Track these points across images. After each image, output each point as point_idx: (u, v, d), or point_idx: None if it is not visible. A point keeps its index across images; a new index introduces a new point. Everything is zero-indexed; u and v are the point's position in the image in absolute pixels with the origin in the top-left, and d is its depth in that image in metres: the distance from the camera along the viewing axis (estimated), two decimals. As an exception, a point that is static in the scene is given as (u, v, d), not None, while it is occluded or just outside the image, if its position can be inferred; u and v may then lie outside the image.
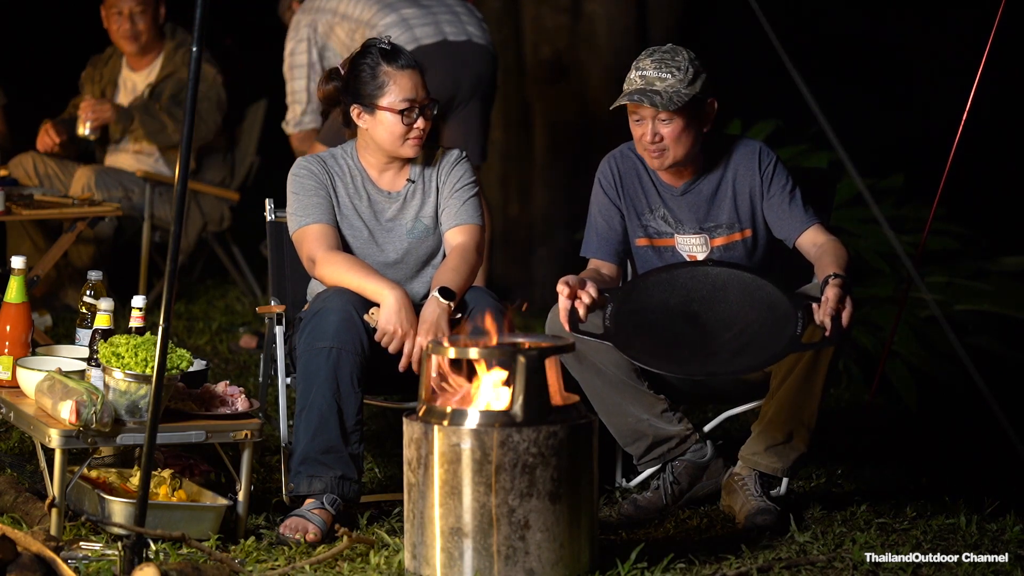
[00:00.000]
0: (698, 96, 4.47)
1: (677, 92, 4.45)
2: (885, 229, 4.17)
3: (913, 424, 6.07)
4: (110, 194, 6.81)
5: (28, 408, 4.23)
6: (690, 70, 4.47)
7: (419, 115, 4.55)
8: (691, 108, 4.47)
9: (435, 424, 3.84)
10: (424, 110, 4.56)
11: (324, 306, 4.41)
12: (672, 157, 4.52)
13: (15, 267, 4.44)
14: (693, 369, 4.34)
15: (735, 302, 4.40)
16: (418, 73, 4.56)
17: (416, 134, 4.56)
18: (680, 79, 4.46)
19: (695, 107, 4.48)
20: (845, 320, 4.22)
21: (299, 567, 3.96)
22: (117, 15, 7.03)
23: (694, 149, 4.54)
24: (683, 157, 4.53)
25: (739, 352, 4.29)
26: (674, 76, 4.46)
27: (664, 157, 4.52)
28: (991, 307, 6.65)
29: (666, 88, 4.45)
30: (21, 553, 3.60)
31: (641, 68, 4.50)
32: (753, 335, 4.31)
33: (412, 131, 4.56)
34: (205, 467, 4.56)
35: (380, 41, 4.59)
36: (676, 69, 4.46)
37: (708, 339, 4.33)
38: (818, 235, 4.56)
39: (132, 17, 7.01)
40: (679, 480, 4.61)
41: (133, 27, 7.01)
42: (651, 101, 4.45)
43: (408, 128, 4.55)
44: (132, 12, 7.00)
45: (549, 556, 3.81)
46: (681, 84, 4.46)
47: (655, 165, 4.56)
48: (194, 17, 3.62)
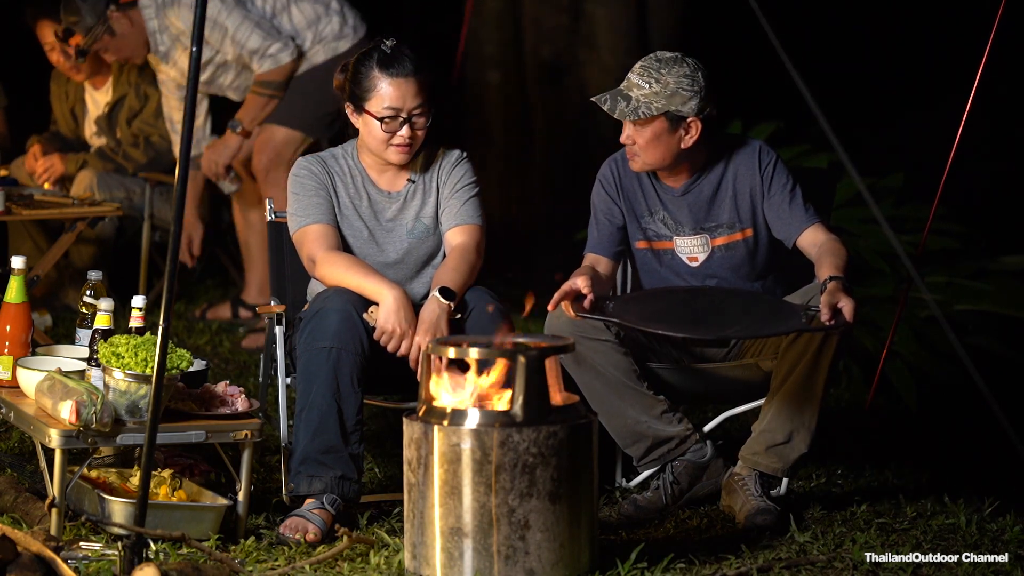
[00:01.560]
0: (673, 112, 4.47)
1: (647, 104, 4.46)
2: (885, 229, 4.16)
3: (913, 424, 6.07)
4: (112, 194, 6.81)
5: (28, 408, 4.23)
6: (671, 84, 4.46)
7: (404, 124, 4.53)
8: (664, 121, 4.48)
9: (435, 424, 3.84)
10: (412, 120, 4.54)
11: (324, 306, 4.41)
12: (642, 162, 4.56)
13: (15, 267, 4.44)
14: (701, 333, 4.36)
15: (736, 313, 4.42)
16: (412, 82, 4.52)
17: (399, 142, 4.54)
18: (656, 92, 4.46)
19: (670, 121, 4.49)
20: (848, 314, 4.22)
21: (299, 567, 3.96)
22: (50, 50, 6.87)
23: (670, 160, 4.56)
24: (656, 164, 4.56)
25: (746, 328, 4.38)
26: (650, 87, 4.47)
27: (635, 161, 4.58)
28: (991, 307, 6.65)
29: (638, 97, 4.47)
30: (21, 553, 3.60)
31: (631, 71, 4.54)
32: (760, 325, 4.35)
33: (395, 138, 4.54)
34: (205, 467, 4.56)
35: (383, 44, 4.58)
36: (656, 81, 4.47)
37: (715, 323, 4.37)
38: (818, 234, 4.56)
39: (64, 51, 6.81)
40: (679, 480, 4.61)
41: (69, 59, 6.84)
42: (613, 107, 4.50)
43: (390, 136, 4.54)
44: (62, 46, 6.77)
45: (549, 556, 3.81)
46: (656, 97, 4.46)
47: (631, 166, 4.60)
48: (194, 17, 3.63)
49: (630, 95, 4.49)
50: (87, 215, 5.96)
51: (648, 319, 4.36)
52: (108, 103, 6.97)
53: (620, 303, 4.45)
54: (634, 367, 4.53)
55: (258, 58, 6.39)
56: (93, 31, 6.49)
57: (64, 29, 6.53)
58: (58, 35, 6.70)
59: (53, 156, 6.93)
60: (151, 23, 6.50)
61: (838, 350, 4.43)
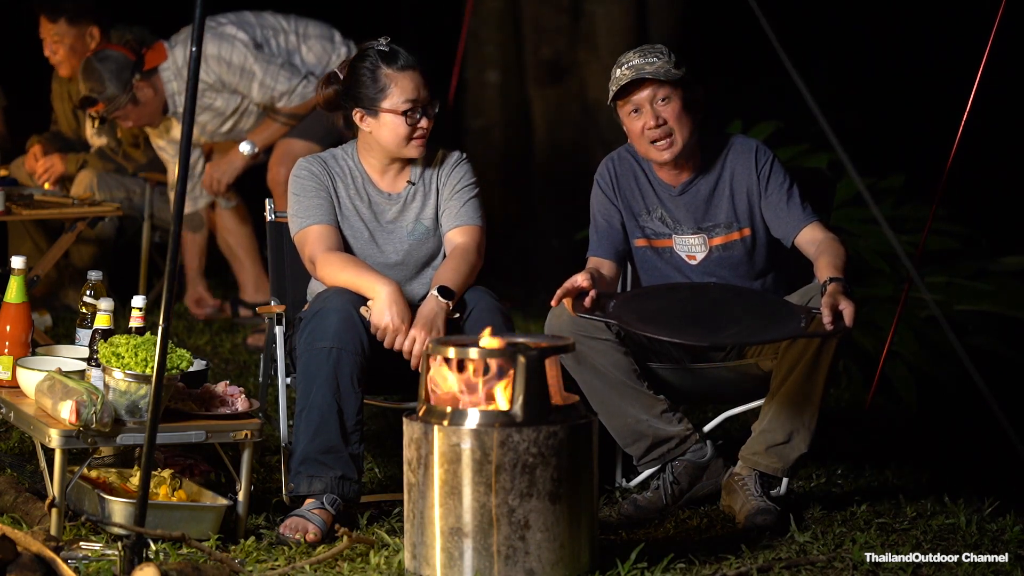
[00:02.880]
0: (687, 78, 4.49)
1: (668, 71, 4.49)
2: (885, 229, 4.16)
3: (913, 424, 6.07)
4: (112, 194, 6.81)
5: (28, 408, 4.23)
6: (672, 57, 4.54)
7: (422, 115, 4.56)
8: (685, 89, 4.51)
9: (435, 424, 3.84)
10: (427, 109, 4.57)
11: (324, 306, 4.41)
12: (680, 141, 4.54)
13: (15, 267, 4.44)
14: (698, 338, 4.35)
15: (736, 314, 4.42)
16: (419, 73, 4.56)
17: (420, 134, 4.57)
18: (666, 62, 4.52)
19: (688, 89, 4.52)
20: (848, 319, 4.22)
21: (299, 567, 3.96)
22: (51, 52, 6.84)
23: (694, 137, 4.56)
24: (687, 141, 4.55)
25: (744, 331, 4.36)
26: (660, 59, 4.52)
27: (672, 142, 4.54)
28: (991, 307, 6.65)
29: (657, 68, 4.49)
30: (21, 553, 3.60)
31: (625, 62, 4.56)
32: (758, 329, 4.34)
33: (416, 131, 4.56)
34: (205, 467, 4.56)
35: (378, 43, 4.59)
36: (660, 55, 4.54)
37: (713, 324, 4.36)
38: (816, 232, 4.56)
39: (51, 47, 6.81)
40: (679, 480, 4.61)
41: (55, 56, 6.82)
42: (645, 72, 4.48)
43: (412, 128, 4.56)
44: (61, 43, 6.78)
45: (549, 556, 3.81)
46: (670, 65, 4.51)
47: (664, 157, 4.56)
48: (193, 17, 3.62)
49: (649, 70, 4.51)
50: (87, 215, 5.96)
51: (648, 319, 4.35)
52: None
53: (621, 302, 4.44)
54: (634, 366, 4.53)
55: (287, 97, 6.50)
56: (116, 100, 6.44)
57: (83, 98, 6.49)
58: (75, 102, 6.74)
59: (53, 156, 6.92)
60: (170, 85, 6.54)
61: (838, 350, 4.43)
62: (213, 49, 6.40)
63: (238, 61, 6.42)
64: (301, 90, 6.45)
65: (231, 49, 6.42)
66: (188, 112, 3.63)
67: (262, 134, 6.58)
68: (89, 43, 6.78)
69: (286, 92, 6.45)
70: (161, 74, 6.50)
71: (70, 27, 6.77)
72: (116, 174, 6.92)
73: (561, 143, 8.05)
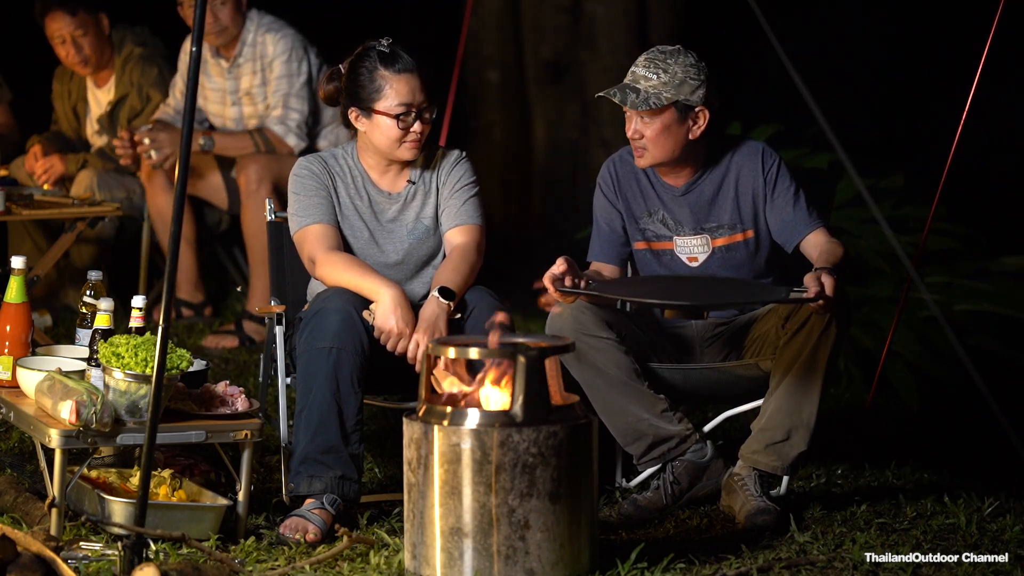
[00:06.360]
0: (683, 102, 4.47)
1: (657, 94, 4.46)
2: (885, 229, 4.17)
3: (913, 424, 6.07)
4: (112, 194, 6.81)
5: (28, 408, 4.23)
6: (679, 74, 4.47)
7: (416, 119, 4.55)
8: (673, 112, 4.48)
9: (435, 424, 3.84)
10: (421, 114, 4.56)
11: (324, 306, 4.41)
12: (651, 157, 4.54)
13: (15, 267, 4.44)
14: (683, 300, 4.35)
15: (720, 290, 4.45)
16: (416, 77, 4.55)
17: (413, 138, 4.56)
18: (665, 82, 4.46)
19: (679, 112, 4.49)
20: (828, 287, 4.22)
21: (299, 567, 3.96)
22: (60, 43, 6.85)
23: (678, 153, 4.55)
24: (664, 158, 4.55)
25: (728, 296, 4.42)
26: (659, 78, 4.47)
27: (643, 155, 4.56)
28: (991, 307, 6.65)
29: (647, 88, 4.47)
30: (21, 553, 3.60)
31: (635, 64, 4.53)
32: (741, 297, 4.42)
33: (409, 135, 4.55)
34: (205, 467, 4.56)
35: (379, 44, 4.58)
36: (664, 71, 4.47)
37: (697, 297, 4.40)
38: (821, 238, 4.56)
39: (75, 42, 6.82)
40: (679, 480, 4.61)
41: (79, 52, 6.84)
42: (623, 99, 4.48)
43: (404, 132, 4.55)
44: (73, 37, 6.80)
45: (549, 556, 3.81)
46: (665, 87, 4.46)
47: (637, 163, 4.58)
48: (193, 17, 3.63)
49: (638, 87, 4.48)
50: (87, 215, 5.96)
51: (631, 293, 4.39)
52: (110, 102, 6.97)
53: (602, 285, 4.44)
54: (635, 366, 4.54)
55: (278, 119, 6.55)
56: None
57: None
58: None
59: (53, 156, 6.92)
60: (248, 35, 6.62)
61: (835, 347, 4.43)
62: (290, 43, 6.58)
63: (287, 46, 6.55)
64: (294, 128, 6.52)
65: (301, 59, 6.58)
66: (188, 112, 3.63)
67: (230, 142, 6.61)
68: (106, 30, 6.85)
69: (286, 117, 6.52)
70: (247, 19, 6.62)
71: (89, 16, 6.82)
72: (116, 174, 6.92)
73: (561, 143, 8.05)
